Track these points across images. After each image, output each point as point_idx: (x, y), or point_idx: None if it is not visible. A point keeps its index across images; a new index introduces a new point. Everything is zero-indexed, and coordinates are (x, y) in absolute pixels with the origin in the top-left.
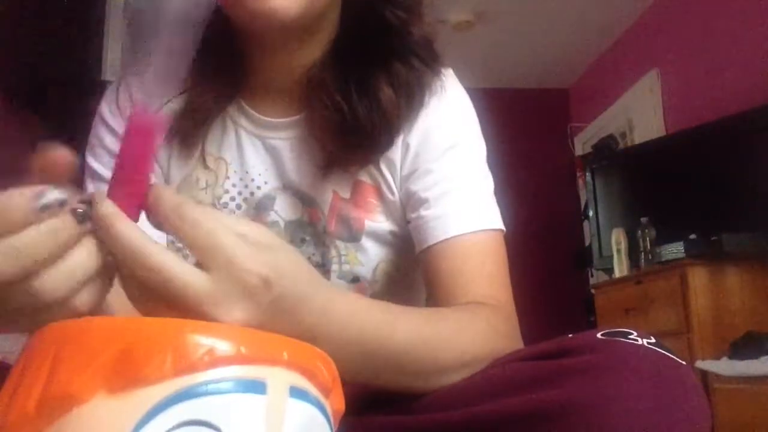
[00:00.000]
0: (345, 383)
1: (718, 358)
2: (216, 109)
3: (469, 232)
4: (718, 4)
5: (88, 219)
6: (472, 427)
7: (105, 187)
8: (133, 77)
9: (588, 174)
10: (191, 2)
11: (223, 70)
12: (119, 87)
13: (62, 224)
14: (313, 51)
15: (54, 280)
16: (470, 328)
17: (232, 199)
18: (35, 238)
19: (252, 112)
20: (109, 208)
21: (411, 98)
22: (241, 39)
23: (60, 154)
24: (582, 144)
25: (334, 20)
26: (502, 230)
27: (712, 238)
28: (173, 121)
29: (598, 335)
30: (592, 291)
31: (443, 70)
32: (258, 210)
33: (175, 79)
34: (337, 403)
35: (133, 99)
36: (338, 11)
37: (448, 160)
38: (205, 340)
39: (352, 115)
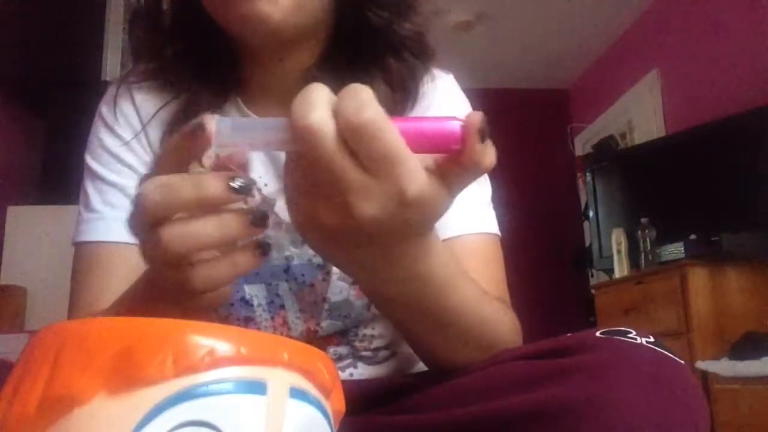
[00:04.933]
0: (344, 383)
1: (718, 358)
2: (214, 110)
3: (470, 233)
4: (719, 4)
5: (262, 223)
6: (472, 427)
7: (106, 189)
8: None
9: (588, 174)
10: None
11: (221, 71)
12: (119, 88)
13: (235, 223)
14: (306, 55)
15: (205, 275)
16: (503, 318)
17: None
18: (208, 226)
19: (250, 112)
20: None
21: (406, 92)
22: (237, 44)
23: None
24: (582, 144)
25: (327, 25)
26: (498, 235)
27: (712, 238)
28: (173, 123)
29: (597, 334)
30: (593, 291)
31: (444, 75)
32: None
33: None
34: (337, 403)
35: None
36: (330, 16)
37: None
38: (206, 341)
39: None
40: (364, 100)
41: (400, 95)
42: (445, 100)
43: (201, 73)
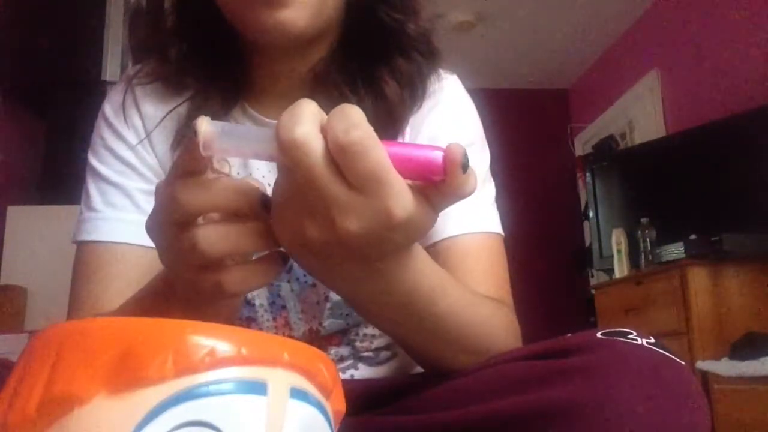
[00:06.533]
0: (344, 383)
1: (718, 358)
2: (221, 113)
3: (473, 233)
4: (719, 4)
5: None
6: (472, 427)
7: (109, 189)
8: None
9: (588, 174)
10: None
11: (228, 74)
12: (126, 89)
13: (269, 233)
14: (316, 56)
15: (239, 278)
16: (498, 320)
17: None
18: (247, 233)
19: (256, 114)
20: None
21: (414, 90)
22: (245, 45)
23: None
24: (582, 144)
25: (337, 25)
26: (502, 235)
27: (713, 239)
28: (180, 126)
29: (598, 335)
30: (593, 291)
31: (448, 75)
32: None
33: None
34: (337, 403)
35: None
36: (341, 17)
37: None
38: (206, 341)
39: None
40: (354, 120)
41: (408, 94)
42: (450, 100)
43: (208, 75)
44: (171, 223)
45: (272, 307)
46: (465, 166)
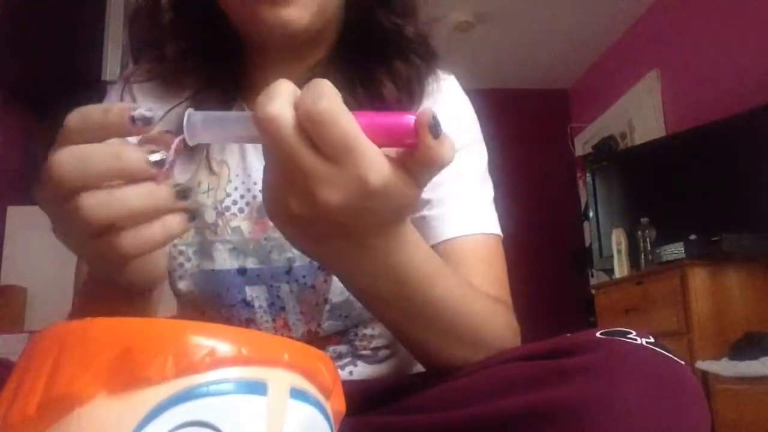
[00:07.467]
0: (344, 384)
1: (718, 358)
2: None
3: (472, 234)
4: (719, 4)
5: (186, 197)
6: (472, 427)
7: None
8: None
9: (588, 174)
10: None
11: (227, 74)
12: (123, 87)
13: (161, 192)
14: (316, 55)
15: (135, 239)
16: (495, 316)
17: (234, 202)
18: (133, 194)
19: None
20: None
21: (411, 93)
22: (245, 44)
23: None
24: (582, 144)
25: (337, 25)
26: (500, 236)
27: (712, 239)
28: (178, 126)
29: (597, 335)
30: (593, 291)
31: (446, 76)
32: (260, 214)
33: None
34: (337, 404)
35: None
36: (340, 18)
37: (453, 164)
38: (206, 342)
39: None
40: (322, 91)
41: (405, 97)
42: (448, 100)
43: (207, 75)
44: (54, 193)
45: (271, 308)
46: (434, 127)
